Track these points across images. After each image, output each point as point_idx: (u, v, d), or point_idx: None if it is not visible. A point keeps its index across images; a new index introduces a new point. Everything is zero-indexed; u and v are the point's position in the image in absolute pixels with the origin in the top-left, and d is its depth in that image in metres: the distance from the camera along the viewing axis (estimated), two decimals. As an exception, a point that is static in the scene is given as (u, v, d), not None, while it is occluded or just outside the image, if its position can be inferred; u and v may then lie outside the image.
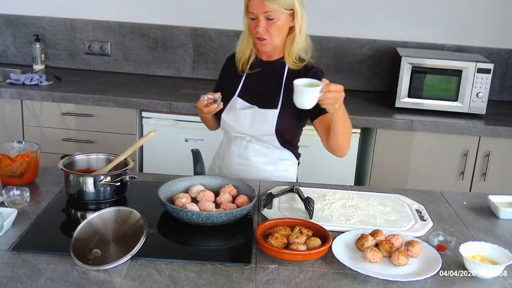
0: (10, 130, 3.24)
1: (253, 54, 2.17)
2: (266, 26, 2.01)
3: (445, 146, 3.09)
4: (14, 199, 1.74)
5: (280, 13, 2.00)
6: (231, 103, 2.16)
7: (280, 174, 2.21)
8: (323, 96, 1.78)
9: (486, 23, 3.53)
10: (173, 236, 1.65)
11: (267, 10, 1.98)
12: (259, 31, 2.02)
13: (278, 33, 2.04)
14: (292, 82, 1.91)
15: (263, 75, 2.16)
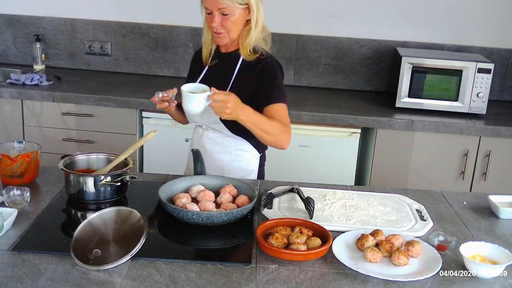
0: (10, 130, 3.24)
1: (214, 47, 2.20)
2: (222, 21, 2.03)
3: (445, 146, 3.09)
4: (14, 199, 1.74)
5: (235, 8, 2.00)
6: None
7: (238, 165, 2.20)
8: (212, 104, 1.83)
9: (487, 23, 3.53)
10: (173, 236, 1.65)
11: (221, 7, 1.99)
12: (215, 26, 2.04)
13: (234, 27, 2.05)
14: (244, 73, 2.00)
15: (220, 66, 2.18)
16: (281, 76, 2.14)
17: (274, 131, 1.98)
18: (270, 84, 2.09)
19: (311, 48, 3.63)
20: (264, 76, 2.10)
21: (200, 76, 2.21)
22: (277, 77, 2.12)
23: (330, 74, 3.68)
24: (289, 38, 3.62)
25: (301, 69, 3.67)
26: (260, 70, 2.09)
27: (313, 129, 3.12)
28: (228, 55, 2.17)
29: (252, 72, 2.10)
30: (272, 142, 2.03)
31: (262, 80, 2.09)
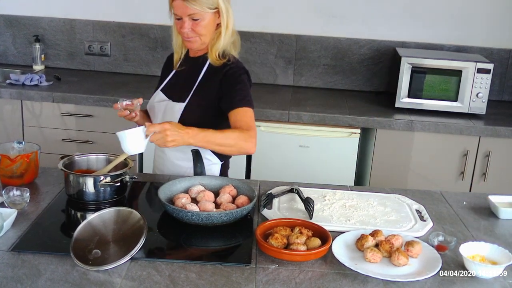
0: (10, 131, 3.24)
1: (184, 51, 2.19)
2: (192, 26, 2.00)
3: (445, 146, 3.09)
4: (14, 200, 1.74)
5: (204, 12, 1.99)
6: (152, 97, 2.21)
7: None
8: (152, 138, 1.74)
9: (486, 23, 3.53)
10: (173, 237, 1.66)
11: (191, 12, 1.97)
12: (185, 32, 2.01)
13: (205, 32, 2.03)
14: (209, 78, 1.99)
15: (187, 70, 2.17)
16: (246, 81, 2.09)
17: (230, 142, 1.92)
18: (233, 89, 2.05)
19: (311, 48, 3.63)
20: (227, 81, 2.06)
21: (167, 79, 2.20)
22: (241, 82, 2.07)
23: (329, 74, 3.68)
24: (289, 38, 3.62)
25: (300, 70, 3.67)
26: (224, 75, 2.06)
27: (313, 130, 3.12)
28: (196, 59, 2.14)
29: (216, 77, 2.07)
30: (234, 151, 1.98)
31: (224, 85, 2.06)
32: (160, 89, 2.20)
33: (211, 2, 1.99)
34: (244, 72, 2.10)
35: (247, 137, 1.94)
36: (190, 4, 1.95)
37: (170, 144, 1.76)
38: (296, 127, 3.11)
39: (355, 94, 3.57)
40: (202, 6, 1.96)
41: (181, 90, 2.14)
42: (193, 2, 1.95)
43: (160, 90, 2.20)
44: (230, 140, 1.92)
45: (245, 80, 2.09)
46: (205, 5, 1.97)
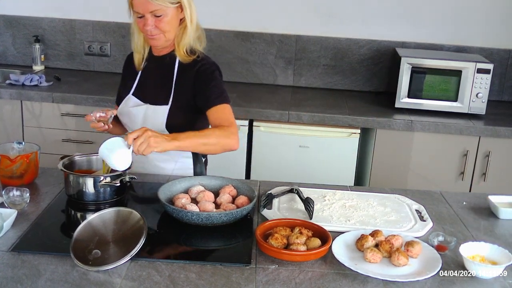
0: (9, 131, 3.24)
1: (146, 50, 2.14)
2: (155, 23, 1.97)
3: (444, 146, 3.09)
4: (14, 200, 1.73)
5: (167, 8, 1.96)
6: (124, 102, 2.16)
7: (183, 172, 2.15)
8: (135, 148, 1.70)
9: (486, 23, 3.53)
10: (173, 237, 1.66)
11: (153, 9, 1.94)
12: (149, 30, 1.98)
13: (169, 27, 2.00)
14: (182, 77, 1.95)
15: (155, 71, 2.13)
16: (219, 76, 2.08)
17: (213, 140, 1.90)
18: (207, 87, 2.03)
19: (311, 48, 3.63)
20: (200, 78, 2.04)
21: (135, 82, 2.16)
22: (214, 78, 2.05)
23: (329, 74, 3.68)
24: (289, 38, 3.62)
25: (300, 70, 3.67)
26: (196, 73, 2.04)
27: (313, 130, 3.12)
28: (162, 58, 2.11)
29: (189, 75, 2.05)
30: (218, 149, 1.94)
31: (198, 83, 2.04)
32: (131, 93, 2.15)
33: None
34: (216, 68, 2.08)
35: (229, 134, 1.93)
36: (153, 0, 1.92)
37: (158, 147, 1.72)
38: (296, 127, 3.11)
39: (355, 94, 3.57)
40: (164, 1, 1.93)
41: (157, 92, 2.10)
42: None
43: (132, 95, 2.15)
44: (213, 139, 1.90)
45: (217, 76, 2.07)
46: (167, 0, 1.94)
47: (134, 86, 2.16)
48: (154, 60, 2.14)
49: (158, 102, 2.08)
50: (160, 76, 2.12)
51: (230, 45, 3.66)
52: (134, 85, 2.16)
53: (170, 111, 2.06)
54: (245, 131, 3.12)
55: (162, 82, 2.10)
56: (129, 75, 2.19)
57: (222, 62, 3.66)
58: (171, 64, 2.09)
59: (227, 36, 3.64)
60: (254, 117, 3.11)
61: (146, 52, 2.14)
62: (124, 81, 2.23)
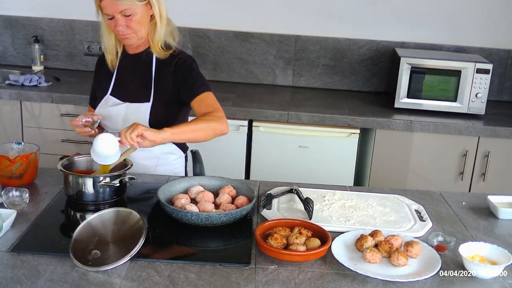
0: (9, 131, 3.23)
1: (120, 49, 2.15)
2: (126, 22, 1.98)
3: (444, 146, 3.09)
4: (13, 200, 1.73)
5: (136, 6, 1.97)
6: (102, 102, 2.16)
7: (165, 169, 2.17)
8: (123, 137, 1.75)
9: (485, 23, 3.53)
10: (172, 237, 1.65)
11: (122, 9, 1.95)
12: (120, 30, 1.99)
13: (140, 26, 2.02)
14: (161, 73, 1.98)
15: (132, 69, 2.14)
16: (196, 68, 2.10)
17: (202, 125, 1.93)
18: (188, 78, 2.06)
19: (310, 48, 3.63)
20: (180, 72, 2.06)
21: (112, 82, 2.16)
22: (193, 70, 2.08)
23: (329, 74, 3.68)
24: (288, 39, 3.62)
25: (300, 70, 3.67)
26: (175, 67, 2.06)
27: (312, 130, 3.12)
28: (139, 56, 2.12)
29: (168, 70, 2.08)
30: (210, 134, 1.95)
31: (178, 77, 2.06)
32: (109, 94, 2.16)
33: None
34: (193, 61, 2.11)
35: (217, 118, 1.96)
36: (120, 1, 1.93)
37: (157, 140, 1.78)
38: (295, 127, 3.11)
39: (354, 95, 3.57)
40: (132, 0, 1.94)
41: (136, 90, 2.11)
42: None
43: (110, 95, 2.15)
44: (201, 124, 1.93)
45: (196, 67, 2.10)
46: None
47: (111, 86, 2.16)
48: (130, 58, 2.14)
49: (138, 100, 2.09)
50: (138, 74, 2.13)
51: (230, 45, 3.66)
52: (111, 85, 2.16)
53: (152, 108, 2.08)
54: (245, 131, 3.12)
55: (141, 79, 2.12)
56: (104, 76, 2.20)
57: (221, 62, 3.69)
58: (148, 60, 2.11)
59: (227, 36, 3.64)
60: (254, 117, 3.11)
61: (120, 51, 2.15)
62: (99, 83, 2.23)
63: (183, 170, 2.27)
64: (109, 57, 2.14)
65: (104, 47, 2.14)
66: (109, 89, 2.16)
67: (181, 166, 2.25)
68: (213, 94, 2.07)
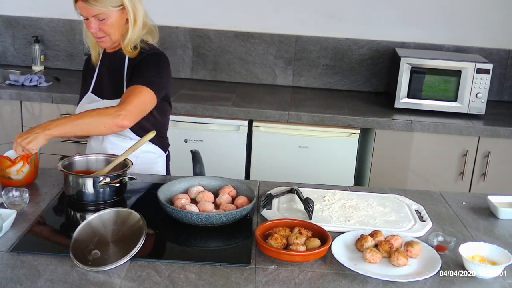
0: (9, 131, 3.23)
1: (100, 49, 2.19)
2: (99, 25, 2.01)
3: (444, 146, 3.09)
4: (13, 200, 1.73)
5: (109, 11, 1.98)
6: (84, 99, 2.20)
7: (144, 167, 2.17)
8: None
9: (485, 23, 3.53)
10: (172, 237, 1.65)
11: (95, 14, 1.98)
12: (94, 32, 2.03)
13: (114, 30, 2.04)
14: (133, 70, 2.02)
15: (108, 67, 2.18)
16: (158, 65, 2.07)
17: (88, 120, 1.90)
18: (138, 70, 2.05)
19: (310, 49, 3.63)
20: (137, 65, 2.07)
21: (93, 80, 2.20)
22: (149, 62, 2.06)
23: (329, 74, 3.68)
24: (288, 39, 3.62)
25: (300, 70, 3.67)
26: (138, 62, 2.08)
27: (312, 130, 3.12)
28: (114, 55, 2.15)
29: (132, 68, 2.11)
30: (100, 129, 1.93)
31: (134, 70, 2.07)
32: (90, 91, 2.19)
33: (113, 1, 1.98)
34: (157, 59, 2.08)
35: (114, 111, 1.90)
36: (92, 5, 1.95)
37: (33, 146, 1.82)
38: (295, 127, 3.11)
39: (354, 95, 3.57)
40: (105, 5, 1.96)
41: (110, 87, 2.14)
42: (94, 3, 1.95)
43: (91, 92, 2.19)
44: (88, 118, 1.90)
45: (155, 63, 2.07)
46: (108, 4, 1.97)
47: (92, 83, 2.20)
48: (108, 56, 2.18)
49: (113, 97, 2.11)
50: (113, 72, 2.15)
51: (230, 45, 3.66)
52: (93, 83, 2.20)
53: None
54: (245, 131, 3.12)
55: (115, 77, 2.14)
56: (89, 73, 2.24)
57: (221, 62, 3.69)
58: (121, 58, 2.13)
59: (227, 36, 3.64)
60: (254, 117, 3.11)
61: (100, 49, 2.19)
62: (85, 80, 2.27)
63: (164, 169, 2.27)
64: (93, 53, 2.20)
65: (89, 43, 2.19)
66: (91, 87, 2.20)
67: (162, 166, 2.26)
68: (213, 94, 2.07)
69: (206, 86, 3.55)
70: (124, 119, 1.90)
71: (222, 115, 3.10)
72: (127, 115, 1.91)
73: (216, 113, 3.10)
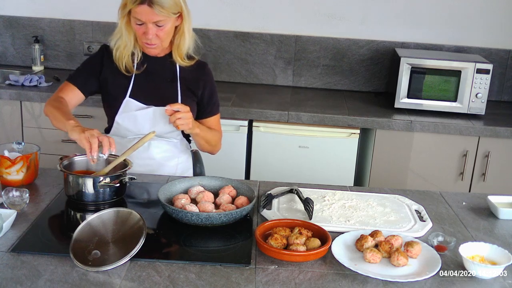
0: (9, 132, 3.23)
1: (139, 53, 2.10)
2: (156, 32, 1.98)
3: (444, 146, 3.09)
4: (13, 200, 1.73)
5: (169, 18, 1.97)
6: (124, 106, 2.10)
7: (184, 166, 2.26)
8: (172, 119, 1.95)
9: (485, 23, 3.53)
10: (172, 237, 1.65)
11: (156, 20, 1.95)
12: (150, 38, 1.99)
13: (167, 37, 2.03)
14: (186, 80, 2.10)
15: (153, 72, 2.12)
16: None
17: (213, 141, 2.19)
18: (215, 93, 2.18)
19: (310, 49, 3.63)
20: (210, 84, 2.16)
21: (131, 84, 2.10)
22: (215, 86, 2.21)
23: (329, 75, 3.68)
24: (288, 39, 3.62)
25: (300, 70, 3.67)
26: (205, 77, 2.16)
27: (312, 130, 3.12)
28: (162, 60, 2.12)
29: (196, 75, 2.13)
30: (209, 150, 2.23)
31: (207, 90, 2.16)
32: (128, 96, 2.10)
33: (176, 8, 1.98)
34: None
35: (220, 140, 2.25)
36: (158, 11, 1.92)
37: (191, 127, 1.99)
38: (295, 127, 3.11)
39: (354, 95, 3.57)
40: (169, 12, 1.95)
41: (161, 93, 2.10)
42: (161, 9, 1.92)
43: (130, 97, 2.10)
44: (214, 140, 2.20)
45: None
46: (171, 11, 1.96)
47: (129, 88, 2.11)
48: (153, 61, 2.12)
49: (165, 103, 2.05)
50: (162, 77, 2.13)
51: (230, 45, 3.66)
52: (130, 88, 2.11)
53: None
54: (245, 131, 3.12)
55: (166, 83, 2.12)
56: (112, 73, 2.11)
57: (221, 62, 3.69)
58: (172, 65, 2.12)
59: (227, 36, 3.64)
60: (254, 117, 3.11)
61: (139, 53, 2.11)
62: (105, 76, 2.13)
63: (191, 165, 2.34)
64: (123, 58, 2.08)
65: (119, 47, 2.08)
66: (128, 92, 2.10)
67: (191, 161, 2.33)
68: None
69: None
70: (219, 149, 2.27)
71: (222, 115, 3.07)
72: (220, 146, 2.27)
73: (216, 113, 3.09)
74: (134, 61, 2.11)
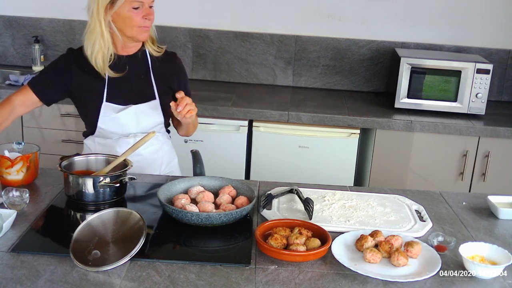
0: (9, 132, 3.23)
1: (111, 50, 2.04)
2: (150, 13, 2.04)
3: (444, 146, 3.09)
4: (13, 201, 1.73)
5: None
6: (103, 110, 2.06)
7: (169, 156, 2.28)
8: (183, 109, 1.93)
9: (486, 23, 3.53)
10: (172, 237, 1.65)
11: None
12: (152, 18, 2.04)
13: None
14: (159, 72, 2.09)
15: (128, 70, 2.08)
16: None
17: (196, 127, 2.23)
18: (188, 81, 2.21)
19: (310, 49, 3.63)
20: (183, 75, 2.19)
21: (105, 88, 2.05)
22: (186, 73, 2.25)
23: (329, 75, 3.68)
24: (288, 39, 3.62)
25: (300, 70, 3.67)
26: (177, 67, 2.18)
27: (312, 130, 3.12)
28: (134, 57, 2.10)
29: (168, 65, 2.14)
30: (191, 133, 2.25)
31: (184, 80, 2.19)
32: (105, 100, 2.05)
33: None
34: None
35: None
36: None
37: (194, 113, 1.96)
38: (295, 127, 3.11)
39: (354, 95, 3.57)
40: None
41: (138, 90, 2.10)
42: None
43: (107, 101, 2.06)
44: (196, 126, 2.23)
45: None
46: None
47: (105, 91, 2.06)
48: (124, 59, 2.09)
49: (143, 100, 2.07)
50: (136, 74, 2.11)
51: (230, 46, 3.66)
52: (105, 91, 2.06)
53: (161, 104, 2.12)
54: (245, 131, 3.12)
55: (141, 79, 2.12)
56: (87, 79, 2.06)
57: (221, 62, 3.70)
58: (143, 60, 2.12)
59: (227, 36, 3.64)
60: (254, 117, 3.11)
61: (112, 53, 2.05)
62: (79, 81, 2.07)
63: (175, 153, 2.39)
64: (100, 60, 2.01)
65: (95, 49, 2.01)
66: (104, 96, 2.06)
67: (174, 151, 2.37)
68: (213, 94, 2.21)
69: (206, 86, 3.55)
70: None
71: (222, 115, 3.10)
72: None
73: (216, 113, 3.10)
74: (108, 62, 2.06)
